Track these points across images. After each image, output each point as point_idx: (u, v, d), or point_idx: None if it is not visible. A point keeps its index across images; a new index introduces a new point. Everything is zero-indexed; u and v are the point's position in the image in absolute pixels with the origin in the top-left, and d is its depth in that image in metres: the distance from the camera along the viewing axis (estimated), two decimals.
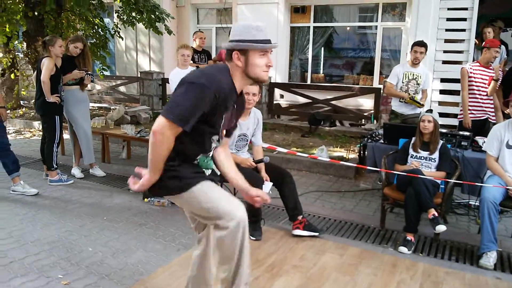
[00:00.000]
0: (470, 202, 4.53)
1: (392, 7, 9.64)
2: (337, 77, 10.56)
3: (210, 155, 2.20)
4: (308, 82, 10.34)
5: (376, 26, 9.78)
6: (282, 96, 9.89)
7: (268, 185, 3.82)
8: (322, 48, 10.50)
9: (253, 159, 3.94)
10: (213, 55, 8.78)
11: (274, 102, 9.08)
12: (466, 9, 6.87)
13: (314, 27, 10.29)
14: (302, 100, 8.91)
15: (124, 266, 3.16)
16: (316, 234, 3.75)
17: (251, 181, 3.64)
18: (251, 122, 3.97)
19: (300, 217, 3.80)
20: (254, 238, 3.66)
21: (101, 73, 8.73)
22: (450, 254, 3.58)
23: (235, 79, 2.03)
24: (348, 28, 10.36)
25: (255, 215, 3.73)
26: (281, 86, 9.32)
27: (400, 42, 9.59)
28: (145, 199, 4.56)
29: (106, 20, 9.95)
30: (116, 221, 4.02)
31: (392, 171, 4.06)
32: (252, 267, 3.14)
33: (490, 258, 3.35)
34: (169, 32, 8.10)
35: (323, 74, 10.52)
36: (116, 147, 7.00)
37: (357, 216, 4.37)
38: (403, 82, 5.13)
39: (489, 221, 3.38)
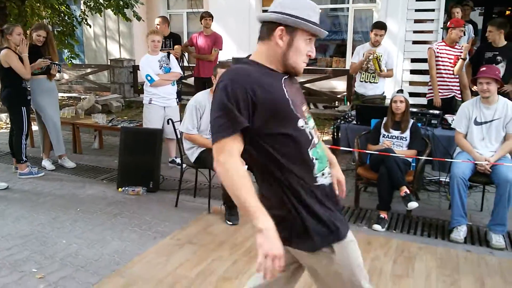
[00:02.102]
0: (440, 179, 4.65)
1: None
2: (311, 60, 10.55)
3: (317, 143, 1.61)
4: None
5: (348, 8, 9.79)
6: None
7: None
8: None
9: None
10: (185, 40, 8.65)
11: None
12: None
13: None
14: None
15: (100, 257, 3.12)
16: None
17: None
18: None
19: None
20: (231, 223, 3.68)
21: (69, 62, 8.49)
22: (422, 230, 3.68)
23: (267, 64, 1.58)
24: (320, 11, 10.34)
25: (230, 199, 3.72)
26: None
27: (371, 24, 9.65)
28: (119, 189, 4.50)
29: (73, 7, 9.63)
30: (90, 212, 3.96)
31: (364, 151, 4.13)
32: (229, 252, 3.18)
33: (460, 232, 3.46)
34: (138, 18, 7.91)
35: None
36: (88, 137, 6.86)
37: None
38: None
39: (458, 196, 3.48)
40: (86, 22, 8.34)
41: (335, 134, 5.43)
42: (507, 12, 11.68)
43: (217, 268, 2.98)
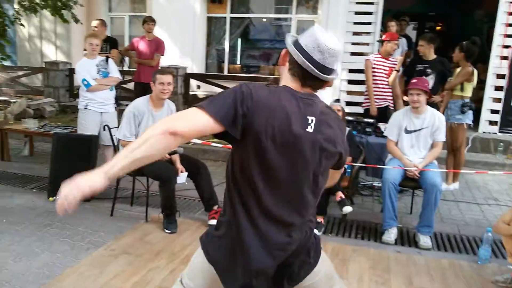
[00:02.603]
0: (374, 184, 4.86)
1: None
2: (254, 68, 10.68)
3: None
4: (225, 72, 10.34)
5: (291, 18, 10.01)
6: (198, 87, 9.79)
7: (183, 177, 3.79)
8: (239, 39, 10.55)
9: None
10: (125, 44, 8.45)
11: (191, 93, 8.97)
12: (372, 3, 7.29)
13: (231, 17, 10.28)
14: (219, 90, 8.89)
15: (27, 271, 2.95)
16: None
17: (165, 173, 3.62)
18: (164, 114, 3.89)
19: (216, 207, 3.82)
20: (169, 231, 3.62)
21: (0, 63, 7.99)
22: (357, 233, 3.83)
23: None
24: (264, 20, 10.50)
25: (169, 208, 3.68)
26: (196, 76, 9.21)
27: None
28: (50, 198, 4.27)
29: (6, 5, 9.08)
30: (17, 223, 3.72)
31: None
32: (167, 261, 3.13)
33: (391, 234, 3.63)
34: (76, 21, 7.60)
35: (240, 65, 10.58)
36: (18, 144, 6.47)
37: None
38: None
39: (389, 200, 3.66)
40: (19, 23, 7.90)
41: None
42: (438, 28, 12.50)
43: (153, 278, 2.91)
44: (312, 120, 1.51)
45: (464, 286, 2.96)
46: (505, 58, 6.66)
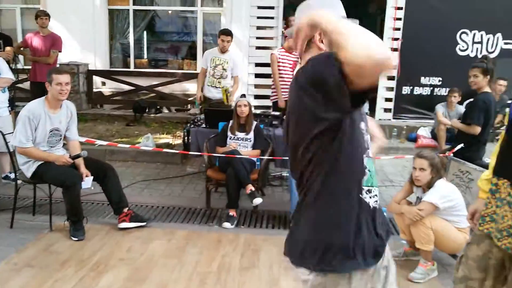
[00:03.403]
0: (283, 174, 5.09)
1: None
2: (162, 62, 10.46)
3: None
4: (132, 68, 10.00)
5: (197, 10, 9.95)
6: (104, 84, 9.38)
7: (88, 181, 3.65)
8: (145, 32, 10.25)
9: (70, 155, 3.70)
10: (19, 39, 7.80)
11: (95, 90, 8.57)
12: None
13: (134, 10, 9.95)
14: (126, 87, 8.61)
15: None
16: (143, 224, 3.75)
17: (68, 179, 3.46)
18: (63, 115, 3.71)
19: (125, 210, 3.74)
20: (76, 239, 3.48)
21: None
22: (268, 223, 4.00)
23: None
24: (170, 12, 10.32)
25: (75, 214, 3.54)
26: (100, 73, 8.81)
27: (220, 26, 9.96)
28: None
29: None
30: None
31: (213, 154, 4.29)
32: (75, 269, 3.03)
33: None
34: None
35: (147, 59, 10.30)
36: None
37: (184, 200, 4.51)
38: (210, 67, 5.46)
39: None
40: None
41: (186, 137, 5.52)
42: None
43: None
44: None
45: None
46: (395, 50, 7.29)
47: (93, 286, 2.83)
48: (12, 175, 4.64)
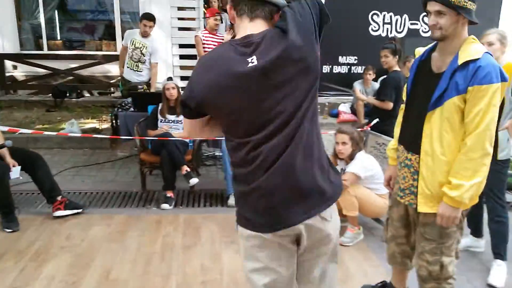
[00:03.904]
0: (215, 154, 5.24)
1: None
2: (78, 43, 9.93)
3: None
4: (45, 49, 9.38)
5: None
6: (15, 68, 8.74)
7: (16, 171, 3.52)
8: (56, 11, 9.64)
9: None
10: None
11: (7, 74, 7.98)
12: None
13: None
14: (42, 71, 8.12)
15: None
16: (80, 210, 3.72)
17: None
18: None
19: (59, 198, 3.68)
20: (10, 230, 3.38)
21: None
22: (205, 201, 4.16)
23: None
24: None
25: (7, 206, 3.42)
26: (13, 57, 8.21)
27: (138, 4, 9.63)
28: None
29: None
30: None
31: (145, 137, 4.31)
32: (14, 261, 2.98)
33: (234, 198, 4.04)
34: None
35: (61, 40, 9.72)
36: None
37: (119, 185, 4.50)
38: (130, 48, 5.37)
39: (230, 167, 4.05)
40: None
41: (114, 122, 5.44)
42: None
43: (3, 281, 2.74)
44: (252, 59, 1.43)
45: None
46: None
47: (36, 276, 2.81)
48: None
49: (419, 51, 2.19)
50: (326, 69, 7.64)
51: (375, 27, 7.70)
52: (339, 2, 7.45)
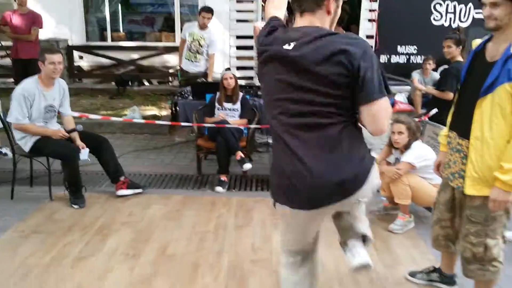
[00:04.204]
0: (269, 140, 5.31)
1: None
2: (138, 34, 10.36)
3: None
4: (109, 41, 9.88)
5: None
6: (81, 57, 9.29)
7: (85, 153, 3.78)
8: (119, 5, 10.11)
9: (65, 129, 3.82)
10: None
11: (75, 64, 8.52)
12: None
13: None
14: (106, 61, 8.59)
15: None
16: (140, 190, 3.94)
17: (67, 152, 3.61)
18: (56, 92, 3.81)
19: (122, 178, 3.92)
20: (77, 206, 3.65)
21: None
22: (257, 186, 4.26)
23: None
24: None
25: (74, 183, 3.70)
26: (80, 48, 8.73)
27: None
28: None
29: None
30: None
31: (202, 124, 4.47)
32: (80, 234, 3.22)
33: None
34: None
35: (124, 33, 10.18)
36: None
37: (176, 168, 4.71)
38: (188, 41, 5.55)
39: None
40: None
41: (173, 109, 5.66)
42: None
43: (70, 252, 2.98)
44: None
45: None
46: (373, 20, 7.48)
47: (100, 248, 3.03)
48: (3, 150, 4.75)
49: (476, 42, 2.24)
50: (384, 58, 7.47)
51: (437, 16, 7.41)
52: None
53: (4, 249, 3.00)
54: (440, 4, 7.26)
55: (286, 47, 1.61)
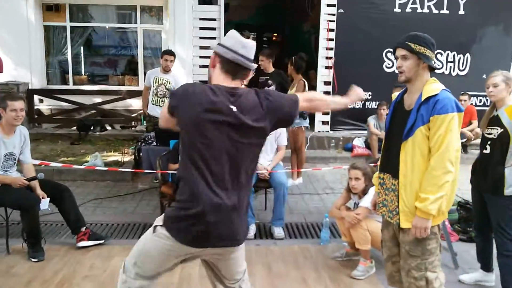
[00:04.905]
0: None
1: (149, 9, 10.00)
2: (101, 77, 10.34)
3: None
4: (71, 84, 9.82)
5: (136, 27, 10.00)
6: (41, 101, 9.15)
7: (45, 202, 3.71)
8: (82, 48, 10.12)
9: (25, 177, 3.75)
10: None
11: (35, 108, 8.38)
12: (214, 19, 7.87)
13: (71, 26, 9.81)
14: (67, 105, 8.51)
15: None
16: (102, 241, 3.87)
17: (27, 201, 3.53)
18: (17, 140, 3.76)
19: (83, 229, 3.84)
20: (36, 260, 3.54)
21: None
22: None
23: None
24: (107, 27, 10.25)
25: (34, 235, 3.60)
26: (41, 92, 8.62)
27: (160, 41, 10.05)
28: None
29: None
30: None
31: (167, 171, 4.49)
32: None
33: (250, 230, 4.14)
34: None
35: (85, 75, 10.17)
36: None
37: (139, 216, 4.66)
38: (153, 86, 5.67)
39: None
40: None
41: (137, 155, 5.66)
42: (274, 38, 13.85)
43: None
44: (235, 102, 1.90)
45: (311, 265, 3.61)
46: (329, 67, 7.88)
47: None
48: None
49: (395, 94, 2.58)
50: None
51: (389, 64, 7.91)
52: (352, 40, 7.72)
53: None
54: (391, 53, 7.78)
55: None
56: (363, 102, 7.81)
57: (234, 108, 1.88)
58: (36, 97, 8.68)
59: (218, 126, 1.87)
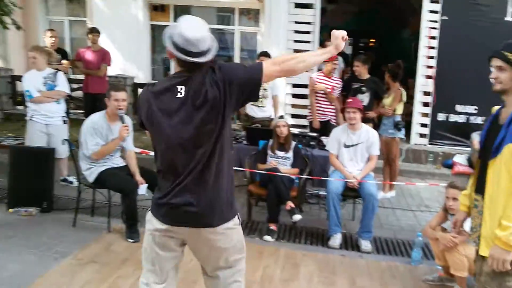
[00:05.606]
0: (319, 193, 5.32)
1: (247, 11, 10.28)
2: None
3: None
4: None
5: (234, 29, 10.33)
6: None
7: (143, 188, 3.97)
8: None
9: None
10: (69, 51, 8.32)
11: None
12: (309, 23, 7.85)
13: None
14: None
15: None
16: None
17: (127, 186, 3.81)
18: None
19: None
20: (132, 241, 3.80)
21: None
22: (306, 238, 4.24)
23: None
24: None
25: (132, 218, 3.87)
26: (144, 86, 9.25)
27: (256, 43, 10.28)
28: (10, 209, 4.28)
29: None
30: None
31: (254, 170, 4.57)
32: (133, 268, 3.35)
33: (336, 239, 4.07)
34: (18, 28, 7.30)
35: None
36: None
37: None
38: None
39: (333, 208, 4.10)
40: None
41: None
42: (370, 44, 13.49)
43: (122, 285, 3.11)
44: (181, 88, 1.95)
45: (399, 285, 3.42)
46: (429, 77, 7.45)
47: None
48: (70, 178, 5.09)
49: (494, 108, 2.36)
50: (441, 117, 7.35)
51: None
52: (456, 48, 7.20)
53: (63, 275, 3.18)
54: None
55: None
56: (467, 116, 7.26)
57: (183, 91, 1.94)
58: (140, 90, 9.33)
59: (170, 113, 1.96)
